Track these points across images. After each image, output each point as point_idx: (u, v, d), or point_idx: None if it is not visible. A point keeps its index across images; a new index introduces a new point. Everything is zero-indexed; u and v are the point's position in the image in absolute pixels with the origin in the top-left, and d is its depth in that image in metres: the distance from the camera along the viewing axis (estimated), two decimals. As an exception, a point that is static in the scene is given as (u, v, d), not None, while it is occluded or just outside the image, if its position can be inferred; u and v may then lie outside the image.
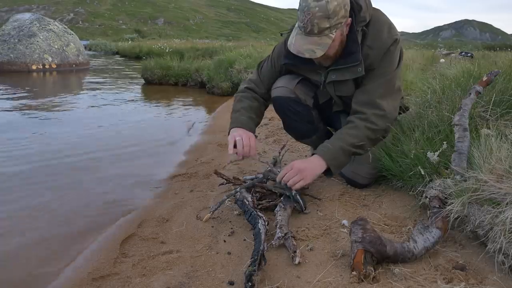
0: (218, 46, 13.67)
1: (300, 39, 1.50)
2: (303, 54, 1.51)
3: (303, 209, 1.57)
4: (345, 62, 1.59)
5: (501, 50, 10.68)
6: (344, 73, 1.62)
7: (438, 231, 1.21)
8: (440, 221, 1.24)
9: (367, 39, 1.58)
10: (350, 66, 1.59)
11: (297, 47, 1.51)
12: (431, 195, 1.34)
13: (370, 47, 1.58)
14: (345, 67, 1.60)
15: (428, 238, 1.19)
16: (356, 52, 1.55)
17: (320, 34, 1.46)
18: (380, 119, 1.61)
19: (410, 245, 1.17)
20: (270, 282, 1.12)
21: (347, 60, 1.58)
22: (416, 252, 1.16)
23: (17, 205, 1.93)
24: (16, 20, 10.22)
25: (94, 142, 3.21)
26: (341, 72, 1.63)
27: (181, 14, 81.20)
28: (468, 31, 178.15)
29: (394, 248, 1.14)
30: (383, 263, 1.15)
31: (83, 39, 19.09)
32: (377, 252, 1.12)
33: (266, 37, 46.18)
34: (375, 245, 1.12)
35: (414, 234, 1.21)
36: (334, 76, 1.65)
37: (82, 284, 1.22)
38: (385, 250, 1.12)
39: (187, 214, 1.70)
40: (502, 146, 1.24)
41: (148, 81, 7.50)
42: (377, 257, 1.13)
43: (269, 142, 2.94)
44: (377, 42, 1.58)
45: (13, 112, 4.40)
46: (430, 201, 1.34)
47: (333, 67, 1.64)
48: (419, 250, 1.16)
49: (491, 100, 1.61)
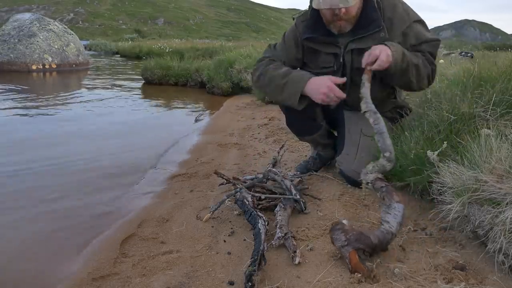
0: (218, 46, 13.66)
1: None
2: (337, 5, 1.55)
3: (303, 209, 1.57)
4: (366, 30, 1.65)
5: (501, 50, 10.68)
6: (366, 40, 1.67)
7: (400, 204, 1.23)
8: (395, 196, 1.26)
9: (385, 11, 1.65)
10: (373, 33, 1.64)
11: (328, 1, 1.55)
12: (371, 179, 1.38)
13: (389, 18, 1.65)
14: (367, 34, 1.65)
15: (395, 214, 1.22)
16: (377, 19, 1.63)
17: None
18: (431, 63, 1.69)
19: (386, 227, 1.20)
20: (270, 282, 1.12)
21: (368, 28, 1.65)
22: (393, 230, 1.19)
23: (17, 205, 1.93)
24: (16, 20, 10.22)
25: (93, 142, 3.21)
26: (362, 40, 1.67)
27: (181, 14, 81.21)
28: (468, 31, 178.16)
29: (376, 236, 1.17)
30: (374, 255, 1.17)
31: (83, 39, 19.06)
32: (366, 246, 1.14)
33: (266, 37, 46.14)
34: (362, 240, 1.14)
35: (383, 216, 1.24)
36: (355, 45, 1.69)
37: (82, 284, 1.22)
38: (371, 241, 1.15)
39: (187, 214, 1.70)
40: (502, 146, 1.24)
41: (148, 81, 7.49)
42: (368, 250, 1.15)
43: (269, 142, 2.94)
44: (396, 14, 1.65)
45: (12, 112, 4.40)
46: (374, 184, 1.37)
47: (352, 37, 1.68)
48: (395, 227, 1.20)
49: (491, 100, 1.61)
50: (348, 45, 1.71)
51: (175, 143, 3.22)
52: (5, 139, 3.20)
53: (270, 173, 1.76)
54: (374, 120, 1.41)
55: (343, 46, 1.73)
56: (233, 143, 3.01)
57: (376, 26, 1.64)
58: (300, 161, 2.22)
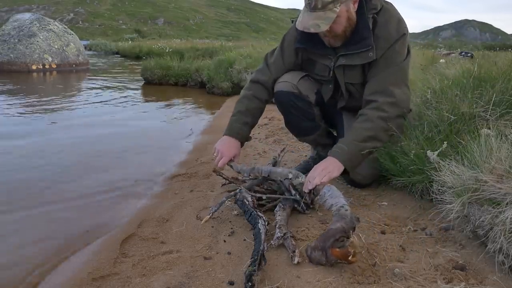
0: (218, 46, 13.65)
1: (306, 16, 1.56)
2: (309, 29, 1.56)
3: (304, 209, 1.57)
4: (356, 47, 1.63)
5: (501, 50, 10.67)
6: (354, 58, 1.66)
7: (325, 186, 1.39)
8: (318, 185, 1.43)
9: (376, 28, 1.62)
10: (362, 52, 1.62)
11: (303, 23, 1.57)
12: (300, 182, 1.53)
13: (377, 36, 1.61)
14: (356, 52, 1.64)
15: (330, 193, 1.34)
16: (368, 38, 1.60)
17: (324, 9, 1.51)
18: (392, 106, 1.59)
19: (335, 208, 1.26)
20: (270, 282, 1.12)
21: (358, 45, 1.62)
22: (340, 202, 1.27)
23: (17, 204, 1.93)
24: (16, 20, 10.22)
25: (93, 141, 3.20)
26: (351, 57, 1.66)
27: (181, 14, 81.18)
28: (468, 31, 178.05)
29: (335, 221, 1.19)
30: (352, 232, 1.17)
31: (83, 39, 19.08)
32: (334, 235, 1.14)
33: (266, 37, 46.14)
34: (328, 236, 1.15)
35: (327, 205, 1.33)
36: (344, 61, 1.68)
37: (82, 284, 1.22)
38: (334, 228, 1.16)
39: (187, 214, 1.70)
40: (502, 146, 1.24)
41: (148, 81, 7.50)
42: (341, 236, 1.15)
43: (269, 142, 2.94)
44: (384, 33, 1.61)
45: (13, 112, 4.40)
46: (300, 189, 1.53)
47: (343, 52, 1.67)
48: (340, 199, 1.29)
49: (491, 100, 1.61)
50: (338, 60, 1.70)
51: (175, 142, 3.22)
52: (4, 140, 3.20)
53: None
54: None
55: (334, 60, 1.72)
56: (233, 143, 3.01)
57: (365, 45, 1.61)
58: (300, 161, 2.22)
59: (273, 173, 1.68)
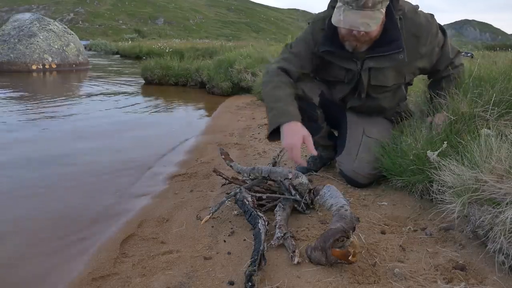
0: (218, 46, 13.67)
1: (351, 14, 1.47)
2: (358, 27, 1.48)
3: (304, 209, 1.57)
4: (385, 49, 1.60)
5: (501, 50, 10.68)
6: (382, 60, 1.63)
7: (325, 186, 1.44)
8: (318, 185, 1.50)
9: (408, 28, 1.62)
10: (392, 54, 1.60)
11: (349, 21, 1.48)
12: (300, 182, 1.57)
13: (417, 36, 1.64)
14: (385, 54, 1.61)
15: (330, 193, 1.36)
16: (398, 39, 1.57)
17: (374, 8, 1.46)
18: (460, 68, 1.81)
19: (335, 208, 1.28)
20: (270, 282, 1.12)
21: (387, 47, 1.59)
22: (340, 202, 1.29)
23: (16, 206, 1.93)
24: (16, 20, 10.23)
25: (93, 141, 3.21)
26: (379, 59, 1.63)
27: (181, 14, 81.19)
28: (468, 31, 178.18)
29: (335, 221, 1.20)
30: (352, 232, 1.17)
31: (83, 39, 19.09)
32: (334, 235, 1.14)
33: (266, 37, 46.12)
34: (327, 236, 1.15)
35: (327, 205, 1.35)
36: (372, 63, 1.65)
37: (82, 284, 1.22)
38: (334, 228, 1.16)
39: (187, 214, 1.70)
40: (502, 146, 1.24)
41: (148, 81, 7.50)
42: (341, 236, 1.15)
43: (269, 142, 2.94)
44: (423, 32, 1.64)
45: (12, 112, 4.40)
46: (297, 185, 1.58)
47: (371, 54, 1.63)
48: (340, 199, 1.31)
49: (491, 100, 1.61)
50: (365, 63, 1.66)
51: (175, 142, 3.22)
52: (4, 139, 3.20)
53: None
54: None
55: (360, 63, 1.68)
56: (233, 143, 3.01)
57: (396, 47, 1.58)
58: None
59: (273, 173, 1.68)
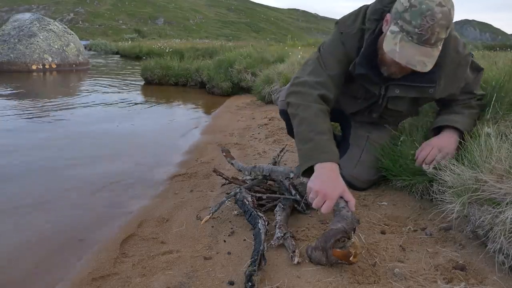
0: (218, 46, 13.67)
1: (410, 48, 1.29)
2: (415, 65, 1.31)
3: (304, 209, 1.57)
4: (416, 80, 1.47)
5: (501, 50, 10.67)
6: (410, 90, 1.52)
7: None
8: None
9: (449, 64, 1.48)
10: (423, 86, 1.49)
11: (406, 57, 1.31)
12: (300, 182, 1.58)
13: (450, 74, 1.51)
14: (414, 85, 1.50)
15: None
16: (434, 72, 1.41)
17: (434, 46, 1.29)
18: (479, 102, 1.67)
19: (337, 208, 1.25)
20: (270, 282, 1.12)
21: (421, 78, 1.46)
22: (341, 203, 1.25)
23: (15, 206, 1.93)
24: (16, 20, 10.22)
25: (93, 141, 3.21)
26: (407, 88, 1.52)
27: (181, 14, 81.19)
28: (468, 31, 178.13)
29: (336, 221, 1.19)
30: (353, 232, 1.17)
31: (83, 39, 19.08)
32: (335, 235, 1.14)
33: (266, 37, 46.11)
34: (328, 236, 1.14)
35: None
36: (398, 91, 1.54)
37: (82, 284, 1.22)
38: (336, 228, 1.15)
39: (187, 214, 1.70)
40: (502, 146, 1.24)
41: (148, 81, 7.50)
42: (342, 236, 1.14)
43: (269, 142, 2.94)
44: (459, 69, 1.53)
45: (13, 112, 4.40)
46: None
47: (400, 82, 1.51)
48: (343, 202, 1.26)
49: (491, 100, 1.61)
50: (390, 89, 1.55)
51: (175, 142, 3.22)
52: (5, 140, 3.20)
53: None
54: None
55: (384, 87, 1.57)
56: (233, 143, 3.01)
57: (430, 81, 1.47)
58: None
59: (274, 172, 1.68)
